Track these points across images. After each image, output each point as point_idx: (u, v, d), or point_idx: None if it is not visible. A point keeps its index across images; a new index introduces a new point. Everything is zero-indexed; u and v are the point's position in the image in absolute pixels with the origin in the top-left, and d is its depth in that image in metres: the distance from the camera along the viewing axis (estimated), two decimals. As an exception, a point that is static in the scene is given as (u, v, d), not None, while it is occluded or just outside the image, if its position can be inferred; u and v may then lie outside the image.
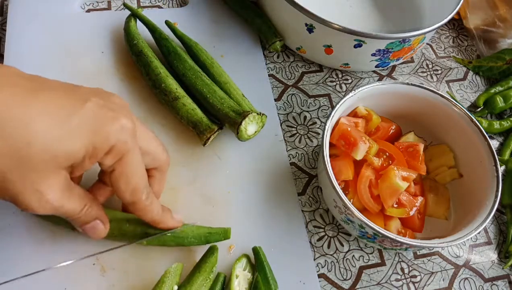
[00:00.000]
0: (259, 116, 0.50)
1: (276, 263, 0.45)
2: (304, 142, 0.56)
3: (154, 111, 0.54)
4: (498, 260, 0.51)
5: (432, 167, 0.51)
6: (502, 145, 0.59)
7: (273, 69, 0.61)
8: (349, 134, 0.46)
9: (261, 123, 0.51)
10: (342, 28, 0.51)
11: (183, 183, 0.50)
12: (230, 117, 0.50)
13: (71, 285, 0.43)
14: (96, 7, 0.62)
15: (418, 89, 0.50)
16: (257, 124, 0.51)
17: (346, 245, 0.49)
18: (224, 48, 0.60)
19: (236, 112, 0.49)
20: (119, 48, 0.58)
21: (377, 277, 0.48)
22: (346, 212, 0.43)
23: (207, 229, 0.45)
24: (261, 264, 0.43)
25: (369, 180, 0.46)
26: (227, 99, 0.51)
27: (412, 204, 0.46)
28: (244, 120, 0.49)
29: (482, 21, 0.68)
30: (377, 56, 0.56)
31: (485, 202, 0.44)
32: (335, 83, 0.61)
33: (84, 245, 0.44)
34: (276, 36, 0.59)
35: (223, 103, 0.50)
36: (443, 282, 0.49)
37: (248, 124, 0.49)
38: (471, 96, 0.64)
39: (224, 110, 0.50)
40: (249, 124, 0.49)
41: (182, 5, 0.65)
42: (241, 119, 0.49)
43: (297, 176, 0.53)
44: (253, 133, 0.51)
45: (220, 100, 0.51)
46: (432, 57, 0.66)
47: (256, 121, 0.50)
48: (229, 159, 0.52)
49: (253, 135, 0.51)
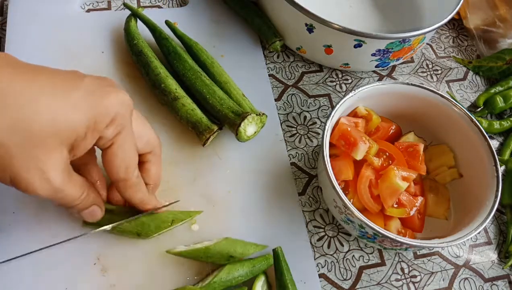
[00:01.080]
0: (259, 116, 0.50)
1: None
2: (304, 142, 0.56)
3: (155, 111, 0.54)
4: (498, 260, 0.51)
5: (432, 167, 0.51)
6: (502, 145, 0.59)
7: (273, 69, 0.61)
8: (349, 134, 0.46)
9: (260, 123, 0.51)
10: (342, 28, 0.51)
11: (183, 183, 0.50)
12: (229, 118, 0.50)
13: (71, 285, 0.43)
14: (96, 7, 0.62)
15: (418, 89, 0.50)
16: (257, 125, 0.51)
17: (346, 245, 0.49)
18: (224, 48, 0.60)
19: (235, 113, 0.49)
20: (119, 48, 0.58)
21: (377, 277, 0.48)
22: (346, 212, 0.43)
23: (250, 262, 0.44)
24: (281, 267, 0.43)
25: (369, 180, 0.46)
26: (226, 99, 0.51)
27: (412, 204, 0.46)
28: (243, 121, 0.49)
29: (482, 21, 0.68)
30: (377, 56, 0.56)
31: (485, 202, 0.44)
32: (335, 83, 0.61)
33: (84, 244, 0.44)
34: (276, 36, 0.59)
35: (223, 104, 0.50)
36: (443, 282, 0.49)
37: (247, 125, 0.49)
38: (471, 96, 0.64)
39: (224, 111, 0.50)
40: (248, 125, 0.49)
41: (182, 5, 0.65)
42: (240, 120, 0.49)
43: (297, 176, 0.53)
44: (253, 134, 0.51)
45: (219, 101, 0.51)
46: (432, 57, 0.66)
47: (256, 122, 0.50)
48: (229, 159, 0.52)
49: (253, 136, 0.51)
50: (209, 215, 0.48)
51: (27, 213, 0.45)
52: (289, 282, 0.43)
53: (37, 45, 0.56)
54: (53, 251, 0.44)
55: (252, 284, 0.43)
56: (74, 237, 0.43)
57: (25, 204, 0.46)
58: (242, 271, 0.43)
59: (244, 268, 0.44)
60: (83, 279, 0.43)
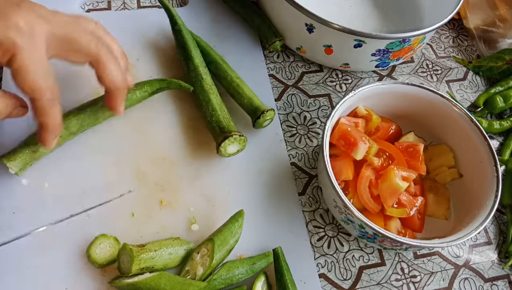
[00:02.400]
0: (242, 137, 0.49)
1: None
2: (304, 142, 0.56)
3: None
4: (498, 260, 0.51)
5: (432, 167, 0.51)
6: (502, 145, 0.59)
7: (273, 69, 0.61)
8: (349, 134, 0.46)
9: (243, 143, 0.50)
10: (342, 28, 0.51)
11: (184, 183, 0.50)
12: (215, 132, 0.50)
13: (71, 285, 0.43)
14: (96, 7, 0.62)
15: (418, 89, 0.50)
16: (239, 145, 0.49)
17: (346, 245, 0.49)
18: (224, 48, 0.60)
19: (220, 129, 0.49)
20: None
21: (377, 277, 0.48)
22: (346, 212, 0.43)
23: (250, 260, 0.44)
24: (281, 267, 0.43)
25: (369, 180, 0.46)
26: (217, 113, 0.50)
27: (412, 204, 0.46)
28: (224, 141, 0.48)
29: (482, 21, 0.68)
30: (377, 56, 0.56)
31: (485, 202, 0.44)
32: (335, 83, 0.61)
33: (84, 244, 0.44)
34: (276, 36, 0.59)
35: (213, 116, 0.50)
36: (443, 282, 0.49)
37: (228, 145, 0.49)
38: (471, 96, 0.64)
39: (212, 123, 0.50)
40: (229, 145, 0.49)
41: (182, 5, 0.65)
42: (221, 139, 0.48)
43: (297, 176, 0.53)
44: (234, 152, 0.50)
45: (211, 112, 0.51)
46: (432, 57, 0.66)
47: (238, 142, 0.49)
48: (229, 159, 0.52)
49: (234, 154, 0.50)
50: (209, 215, 0.48)
51: (27, 213, 0.46)
52: (289, 282, 0.43)
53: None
54: (53, 251, 0.44)
55: (252, 284, 0.43)
56: (76, 214, 0.44)
57: (25, 203, 0.46)
58: (242, 268, 0.43)
59: (244, 265, 0.44)
60: (83, 279, 0.43)
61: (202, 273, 0.42)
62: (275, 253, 0.44)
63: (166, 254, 0.42)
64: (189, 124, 0.54)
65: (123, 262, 0.41)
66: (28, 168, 0.47)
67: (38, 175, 0.48)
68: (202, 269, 0.42)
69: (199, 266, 0.42)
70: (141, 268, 0.40)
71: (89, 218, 0.46)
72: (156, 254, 0.42)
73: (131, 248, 0.41)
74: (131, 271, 0.40)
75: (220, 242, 0.43)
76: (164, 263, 0.42)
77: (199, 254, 0.43)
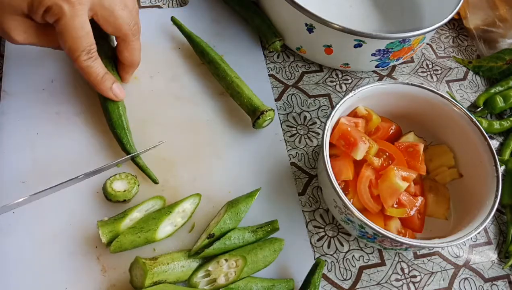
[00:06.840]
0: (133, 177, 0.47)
1: (277, 262, 0.45)
2: (304, 142, 0.56)
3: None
4: (498, 260, 0.51)
5: (432, 167, 0.51)
6: (502, 145, 0.59)
7: (273, 69, 0.61)
8: (349, 134, 0.46)
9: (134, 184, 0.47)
10: (342, 28, 0.51)
11: (184, 183, 0.50)
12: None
13: (71, 285, 0.43)
14: (96, 7, 0.62)
15: (418, 89, 0.50)
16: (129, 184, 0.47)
17: (346, 245, 0.49)
18: (224, 47, 0.60)
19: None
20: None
21: (377, 277, 0.48)
22: (346, 212, 0.43)
23: (270, 281, 0.44)
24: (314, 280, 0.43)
25: (369, 180, 0.46)
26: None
27: (412, 204, 0.46)
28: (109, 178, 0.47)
29: (482, 21, 0.68)
30: (377, 56, 0.56)
31: (485, 202, 0.44)
32: (335, 83, 0.61)
33: (84, 244, 0.44)
34: (276, 36, 0.59)
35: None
36: (443, 282, 0.49)
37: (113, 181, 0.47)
38: (471, 96, 0.64)
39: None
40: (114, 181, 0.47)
41: (182, 5, 0.65)
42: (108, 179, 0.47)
43: (297, 176, 0.53)
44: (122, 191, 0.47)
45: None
46: (432, 57, 0.66)
47: (128, 181, 0.47)
48: (229, 159, 0.52)
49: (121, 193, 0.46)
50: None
51: (27, 213, 0.46)
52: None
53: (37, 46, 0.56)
54: (53, 251, 0.44)
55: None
56: (76, 177, 0.45)
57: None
58: (261, 286, 0.43)
59: (263, 283, 0.43)
60: (83, 279, 0.43)
61: (222, 284, 0.42)
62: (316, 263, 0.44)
63: (179, 267, 0.42)
64: (189, 124, 0.54)
65: (136, 276, 0.41)
66: None
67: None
68: (223, 280, 0.42)
69: (222, 275, 0.42)
70: (154, 282, 0.40)
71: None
72: (169, 268, 0.41)
73: (144, 261, 0.40)
74: (144, 285, 0.40)
75: (251, 263, 0.43)
76: (176, 277, 0.42)
77: (227, 263, 0.43)
